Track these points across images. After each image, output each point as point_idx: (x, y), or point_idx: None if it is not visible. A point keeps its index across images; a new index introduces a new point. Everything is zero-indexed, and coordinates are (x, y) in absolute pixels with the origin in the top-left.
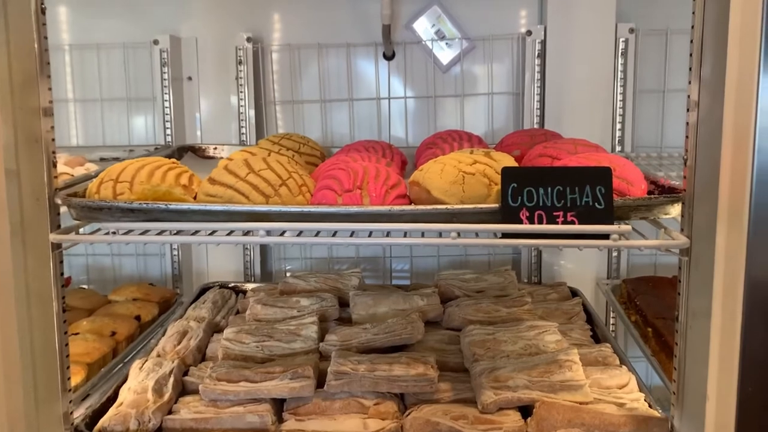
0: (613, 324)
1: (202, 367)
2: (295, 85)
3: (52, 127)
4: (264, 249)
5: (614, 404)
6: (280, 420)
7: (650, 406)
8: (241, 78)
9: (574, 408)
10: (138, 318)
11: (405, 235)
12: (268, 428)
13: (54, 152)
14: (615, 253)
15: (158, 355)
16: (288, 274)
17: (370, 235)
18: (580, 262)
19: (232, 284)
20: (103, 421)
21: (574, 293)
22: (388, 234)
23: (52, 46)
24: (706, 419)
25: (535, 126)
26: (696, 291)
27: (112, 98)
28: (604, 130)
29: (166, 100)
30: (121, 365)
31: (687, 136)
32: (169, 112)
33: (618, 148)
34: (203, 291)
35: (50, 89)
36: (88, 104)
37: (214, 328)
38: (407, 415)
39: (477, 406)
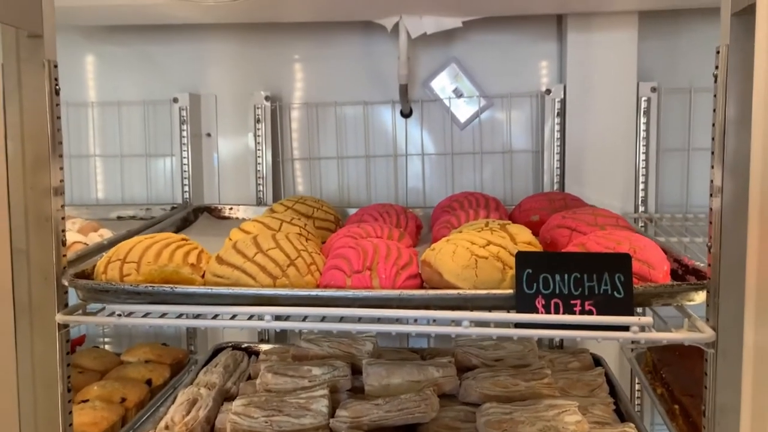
0: (638, 395)
1: None
2: (313, 142)
3: (63, 206)
4: None
5: None
6: None
7: None
8: (259, 136)
9: None
10: (149, 382)
11: (416, 321)
12: None
13: (64, 231)
14: None
15: (166, 427)
16: (302, 336)
17: (379, 321)
18: None
19: (246, 344)
20: None
21: (597, 361)
22: (397, 320)
23: (78, 102)
24: None
25: (555, 186)
26: (724, 385)
27: (132, 154)
28: (626, 189)
29: (184, 157)
30: None
31: (711, 222)
32: (187, 169)
33: (641, 208)
34: (216, 352)
35: (62, 168)
36: (109, 160)
37: (225, 395)
38: None
39: None
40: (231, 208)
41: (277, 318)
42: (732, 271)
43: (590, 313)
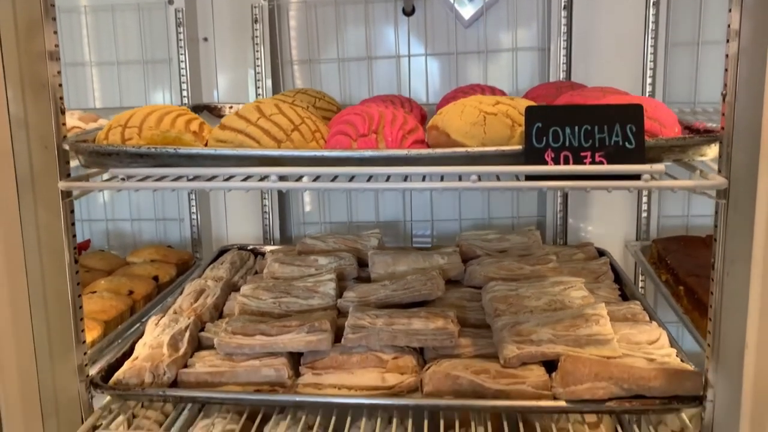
0: (642, 285)
1: (218, 323)
2: (312, 44)
3: (59, 72)
4: (283, 212)
5: (644, 359)
6: (297, 374)
7: (682, 361)
8: (257, 37)
9: (601, 362)
10: (156, 278)
11: (424, 179)
12: (284, 382)
13: (62, 98)
14: (645, 214)
15: (174, 313)
16: (307, 235)
17: (388, 180)
18: (608, 224)
19: (251, 246)
20: (118, 375)
21: (602, 254)
22: (406, 179)
23: (70, 8)
24: (744, 369)
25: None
26: (734, 235)
27: (128, 61)
28: (634, 84)
29: (182, 62)
30: (138, 324)
31: (726, 69)
32: (185, 74)
33: None
34: (222, 253)
35: (56, 33)
36: (105, 67)
37: (232, 288)
38: (426, 369)
39: (499, 361)
40: (231, 107)
41: (282, 179)
42: (746, 121)
43: (600, 164)
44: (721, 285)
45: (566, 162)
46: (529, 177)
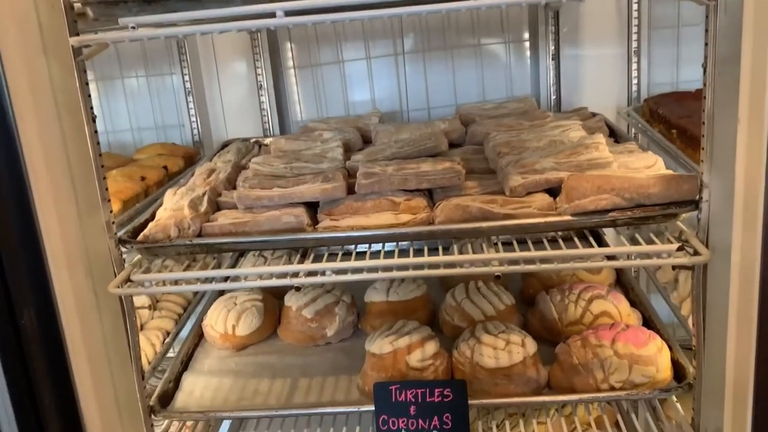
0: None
1: (233, 192)
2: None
3: None
4: (281, 110)
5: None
6: (315, 223)
7: None
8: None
9: (603, 176)
10: (165, 168)
11: None
12: (304, 227)
13: None
14: (635, 81)
15: (189, 188)
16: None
17: None
18: (600, 94)
19: (254, 138)
20: (144, 233)
21: (596, 116)
22: None
23: None
24: (736, 167)
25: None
26: (724, 37)
27: None
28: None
29: None
30: (154, 204)
31: None
32: None
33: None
34: (225, 145)
35: None
36: None
37: (241, 169)
38: (437, 206)
39: (505, 195)
40: None
41: (288, 14)
42: None
43: None
44: (713, 87)
45: None
46: None
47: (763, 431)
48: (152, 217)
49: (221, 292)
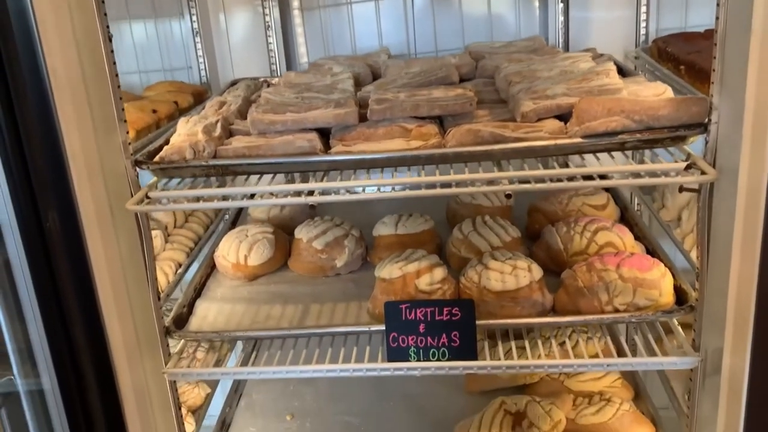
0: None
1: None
2: None
3: None
4: (288, 51)
5: None
6: (328, 148)
7: None
8: None
9: (613, 99)
10: (176, 103)
11: None
12: (317, 152)
13: None
14: (644, 24)
15: (202, 117)
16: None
17: None
18: (608, 36)
19: (262, 78)
20: (160, 155)
21: (603, 56)
22: None
23: None
24: (747, 88)
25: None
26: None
27: None
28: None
29: None
30: (166, 133)
31: None
32: None
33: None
34: (234, 84)
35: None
36: None
37: (251, 103)
38: (448, 132)
39: (516, 120)
40: None
41: None
42: None
43: None
44: (727, 4)
45: None
46: None
47: (762, 350)
48: (166, 142)
49: (232, 226)
